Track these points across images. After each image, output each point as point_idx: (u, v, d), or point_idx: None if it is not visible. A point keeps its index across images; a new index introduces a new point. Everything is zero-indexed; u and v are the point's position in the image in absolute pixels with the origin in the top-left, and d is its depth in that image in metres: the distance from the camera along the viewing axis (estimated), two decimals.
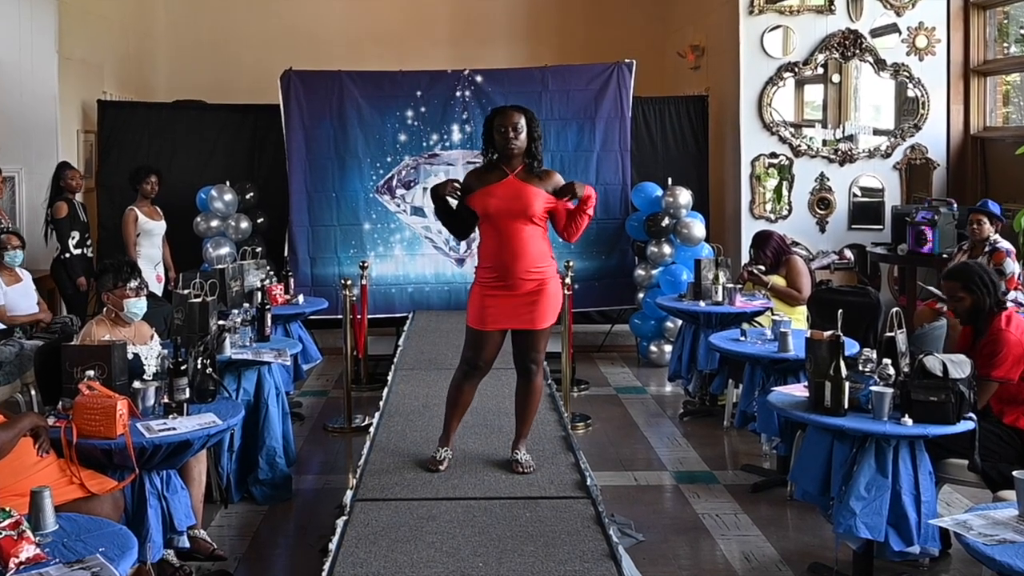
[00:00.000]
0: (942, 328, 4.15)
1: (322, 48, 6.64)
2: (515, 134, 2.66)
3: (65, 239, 4.78)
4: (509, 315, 2.69)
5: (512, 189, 2.66)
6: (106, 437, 2.27)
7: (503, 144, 2.66)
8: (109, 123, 5.59)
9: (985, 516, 1.90)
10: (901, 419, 2.40)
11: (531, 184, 2.67)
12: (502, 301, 2.68)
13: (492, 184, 2.67)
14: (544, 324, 2.72)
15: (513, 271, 2.66)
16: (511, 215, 2.64)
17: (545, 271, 2.71)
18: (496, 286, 2.69)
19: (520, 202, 2.64)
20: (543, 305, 2.70)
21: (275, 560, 2.89)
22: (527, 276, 2.67)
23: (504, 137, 2.66)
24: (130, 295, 2.85)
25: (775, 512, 3.08)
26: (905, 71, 5.50)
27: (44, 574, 1.67)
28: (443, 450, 2.80)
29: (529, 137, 2.68)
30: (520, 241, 2.65)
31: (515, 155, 2.68)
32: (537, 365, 2.75)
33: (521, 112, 2.69)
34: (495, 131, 2.68)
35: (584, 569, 2.12)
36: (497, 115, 2.71)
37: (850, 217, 5.58)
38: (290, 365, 3.74)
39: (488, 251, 2.72)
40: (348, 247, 5.46)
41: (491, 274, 2.70)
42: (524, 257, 2.65)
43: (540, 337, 2.73)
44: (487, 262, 2.72)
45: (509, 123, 2.66)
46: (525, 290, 2.67)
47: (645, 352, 5.31)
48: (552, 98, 5.42)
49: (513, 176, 2.67)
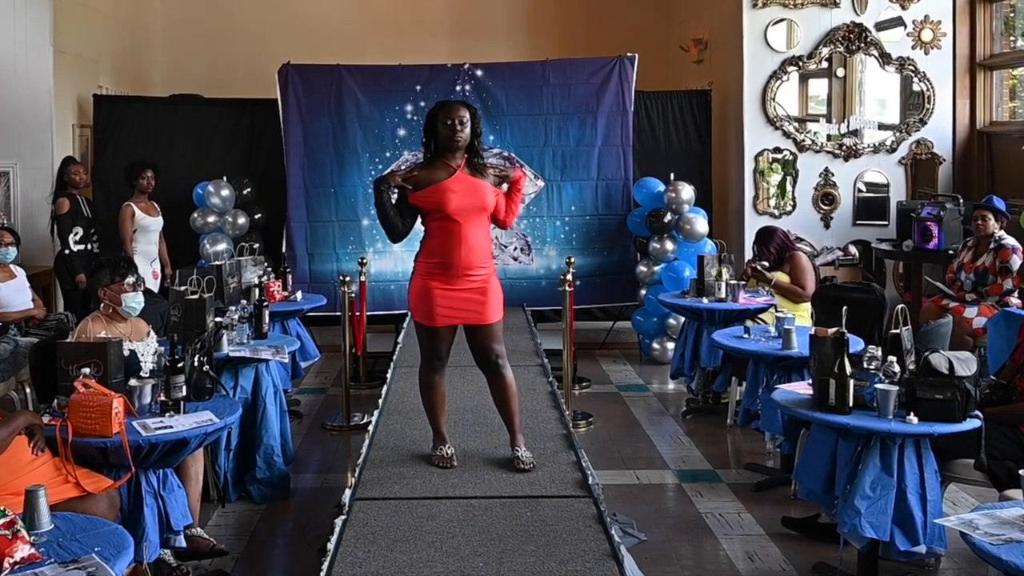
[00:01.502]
0: (948, 325, 4.10)
1: (320, 41, 6.59)
2: (460, 127, 2.64)
3: (66, 235, 4.76)
4: (459, 310, 2.69)
5: (467, 184, 2.66)
6: (102, 435, 2.25)
7: (448, 136, 2.64)
8: (105, 118, 5.56)
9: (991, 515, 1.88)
10: (906, 417, 2.38)
11: (479, 178, 2.69)
12: (450, 295, 2.67)
13: (444, 180, 2.65)
14: (496, 317, 2.72)
15: (463, 266, 2.66)
16: (469, 210, 2.64)
17: (490, 265, 2.75)
18: (443, 280, 2.67)
19: (477, 197, 2.65)
20: (491, 299, 2.71)
21: (273, 560, 2.87)
22: (475, 271, 2.68)
23: (450, 129, 2.64)
24: (127, 290, 2.84)
25: (779, 511, 3.04)
26: (910, 65, 5.48)
27: (39, 574, 1.65)
28: (444, 448, 2.79)
29: (472, 132, 2.68)
30: (474, 236, 2.66)
31: (458, 148, 2.67)
32: (502, 359, 2.75)
33: (466, 107, 2.71)
34: (440, 123, 2.66)
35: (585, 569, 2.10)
36: (442, 108, 2.70)
37: (855, 213, 5.56)
38: (288, 363, 3.72)
39: (437, 246, 2.69)
40: (347, 243, 5.44)
41: (438, 269, 2.68)
42: (475, 252, 2.66)
43: (496, 330, 2.73)
44: (435, 257, 2.69)
45: (455, 115, 2.65)
46: (473, 285, 2.68)
47: (647, 349, 5.29)
48: (553, 92, 5.40)
49: (461, 171, 2.67)
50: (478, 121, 2.71)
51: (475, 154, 2.70)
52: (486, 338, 2.71)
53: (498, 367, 2.74)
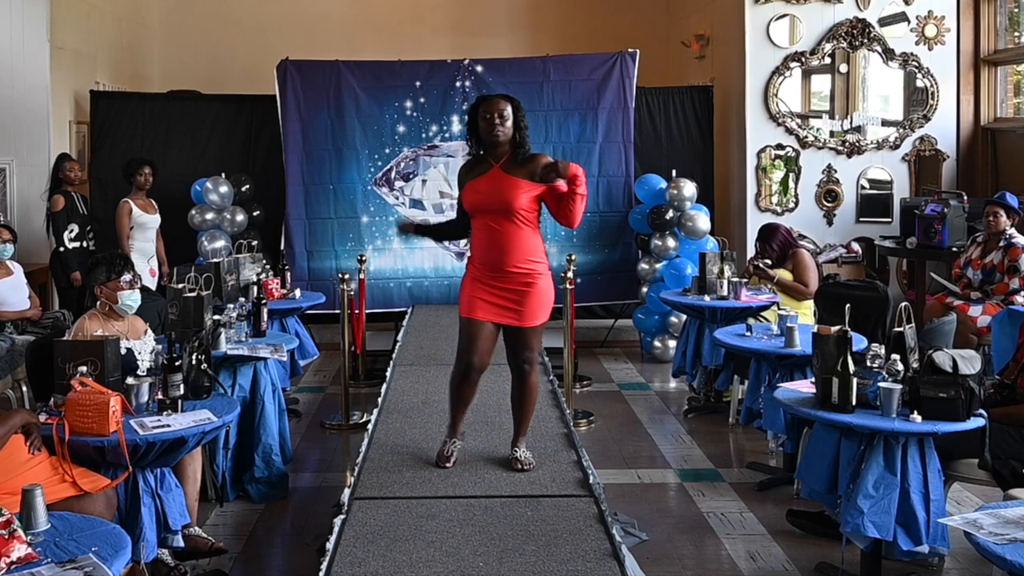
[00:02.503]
0: (952, 323, 4.08)
1: (319, 37, 6.60)
2: (500, 121, 2.59)
3: (61, 232, 4.75)
4: (497, 308, 2.64)
5: (494, 183, 2.60)
6: (99, 434, 2.24)
7: (487, 131, 2.59)
8: (102, 114, 5.54)
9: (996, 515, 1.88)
10: (910, 416, 2.37)
11: (514, 175, 2.60)
12: (490, 292, 2.64)
13: (477, 178, 2.63)
14: (534, 322, 2.65)
15: (500, 266, 2.62)
16: (493, 211, 2.59)
17: (536, 267, 2.64)
18: (485, 278, 2.66)
19: (502, 197, 2.58)
20: (533, 302, 2.64)
21: (271, 559, 2.85)
22: (515, 270, 2.62)
23: (489, 124, 2.59)
24: (124, 288, 2.81)
25: (781, 511, 3.02)
26: (914, 61, 5.46)
27: (36, 574, 1.65)
28: (451, 442, 2.76)
29: (515, 125, 2.60)
30: (505, 237, 2.59)
31: (500, 144, 2.61)
32: (531, 365, 2.71)
33: (507, 100, 2.63)
34: (479, 118, 2.62)
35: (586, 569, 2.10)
36: (482, 102, 2.64)
37: (858, 210, 5.55)
38: (287, 361, 3.72)
39: (478, 245, 2.69)
40: (346, 240, 5.42)
41: (480, 267, 2.68)
42: (510, 252, 2.60)
43: (531, 335, 2.67)
44: (477, 256, 2.70)
45: (495, 109, 2.59)
46: (513, 285, 2.63)
47: (649, 347, 5.28)
48: (554, 88, 5.39)
49: (498, 167, 2.61)
50: (522, 114, 2.63)
51: (520, 148, 2.61)
52: (520, 341, 2.68)
53: (523, 372, 2.71)
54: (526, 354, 2.69)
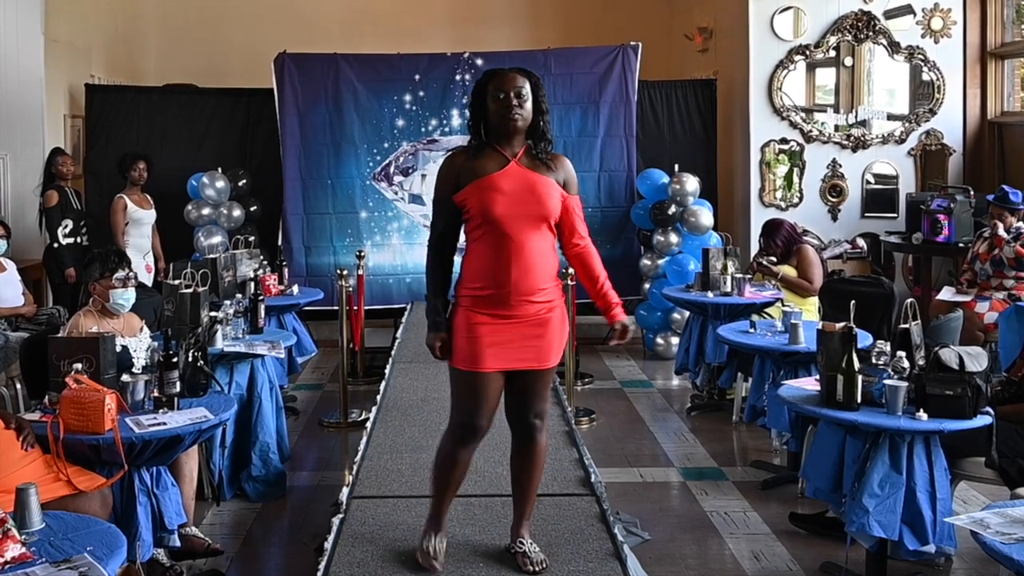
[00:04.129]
0: (958, 320, 4.04)
1: (317, 30, 6.56)
2: (519, 101, 2.00)
3: (55, 228, 4.73)
4: (513, 351, 2.03)
5: (521, 181, 2.01)
6: (94, 432, 2.22)
7: (503, 114, 2.00)
8: (97, 108, 5.50)
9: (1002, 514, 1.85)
10: (916, 414, 2.34)
11: (542, 173, 2.04)
12: (502, 331, 2.02)
13: (492, 174, 2.02)
14: (554, 360, 2.10)
15: (517, 292, 2.01)
16: (522, 217, 2.00)
17: (553, 292, 2.08)
18: (492, 312, 2.02)
19: (534, 199, 2.01)
20: (552, 335, 2.07)
21: (269, 559, 2.82)
22: (534, 298, 2.03)
23: (505, 106, 1.99)
24: (116, 286, 2.79)
25: (785, 510, 3.00)
26: (920, 54, 5.43)
27: (30, 574, 1.63)
28: (436, 538, 2.12)
29: (536, 109, 2.03)
30: (530, 252, 2.00)
31: (517, 132, 2.02)
32: (542, 420, 2.11)
33: (525, 75, 2.03)
34: (490, 98, 2.02)
35: (588, 569, 2.08)
36: (493, 78, 2.03)
37: (863, 205, 5.53)
38: (284, 358, 3.70)
39: (482, 265, 2.04)
40: (344, 236, 5.39)
41: (485, 296, 2.03)
42: (535, 274, 2.02)
43: (547, 379, 2.11)
44: (479, 280, 2.04)
45: (511, 87, 1.99)
46: (530, 318, 2.03)
47: (651, 344, 5.25)
48: (555, 82, 5.35)
49: (516, 163, 2.03)
50: (543, 94, 2.04)
51: (540, 138, 2.04)
52: (535, 388, 2.08)
53: (534, 429, 2.11)
54: (539, 406, 2.10)
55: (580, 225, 2.11)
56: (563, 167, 2.09)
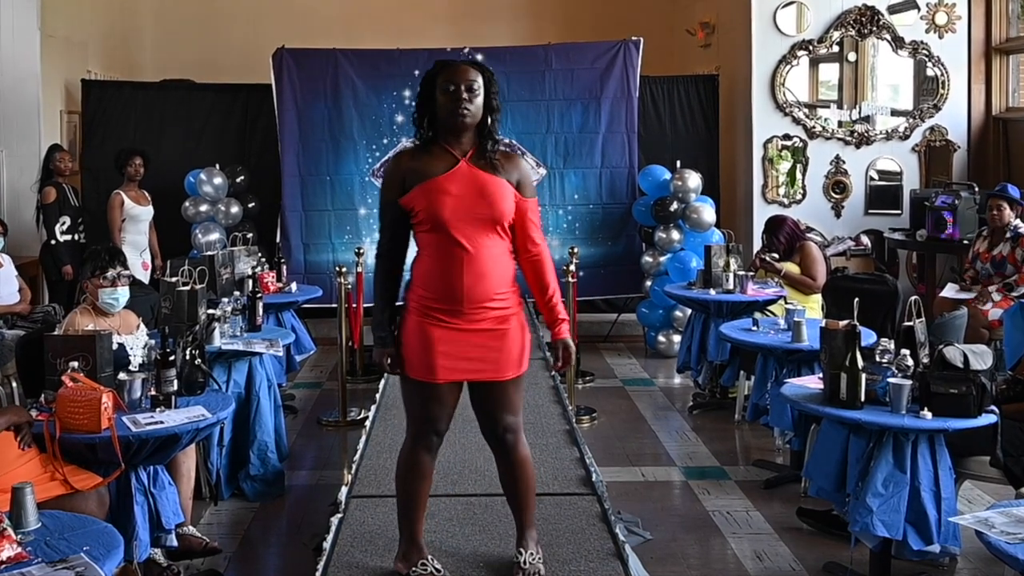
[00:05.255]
0: (963, 317, 4.03)
1: (316, 25, 6.53)
2: (470, 96, 1.89)
3: (52, 225, 4.72)
4: (468, 361, 1.93)
5: (471, 182, 1.91)
6: (90, 431, 2.21)
7: (451, 109, 1.89)
8: (94, 103, 5.49)
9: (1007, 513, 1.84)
10: (920, 412, 2.33)
11: (493, 174, 1.93)
12: (456, 340, 1.92)
13: (440, 175, 1.91)
14: (514, 372, 1.96)
15: (470, 300, 1.91)
16: (472, 221, 1.90)
17: (510, 298, 1.96)
18: (445, 321, 1.92)
19: (485, 201, 1.91)
20: (509, 345, 1.94)
21: (267, 559, 2.81)
22: (489, 305, 1.92)
23: (453, 99, 1.89)
24: (105, 285, 2.76)
25: (788, 509, 2.98)
26: (924, 49, 5.40)
27: (26, 574, 1.62)
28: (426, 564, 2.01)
29: (487, 106, 1.92)
30: (483, 257, 1.90)
31: (466, 128, 1.92)
32: (514, 433, 1.99)
33: (476, 68, 1.94)
34: (439, 90, 1.91)
35: (589, 568, 2.07)
36: (442, 70, 1.92)
37: (867, 201, 5.50)
38: (282, 356, 3.69)
39: (430, 269, 1.93)
40: (343, 233, 5.37)
41: (435, 302, 1.93)
42: (487, 280, 1.91)
43: (511, 391, 1.98)
44: (430, 288, 1.93)
45: (461, 80, 1.89)
46: (484, 325, 1.92)
47: (653, 342, 5.23)
48: (556, 77, 5.34)
49: (465, 162, 1.93)
50: (495, 90, 1.94)
51: (489, 138, 1.95)
52: (497, 400, 1.97)
53: (506, 443, 2.00)
54: (507, 420, 1.97)
55: (535, 231, 1.99)
56: (516, 167, 1.98)
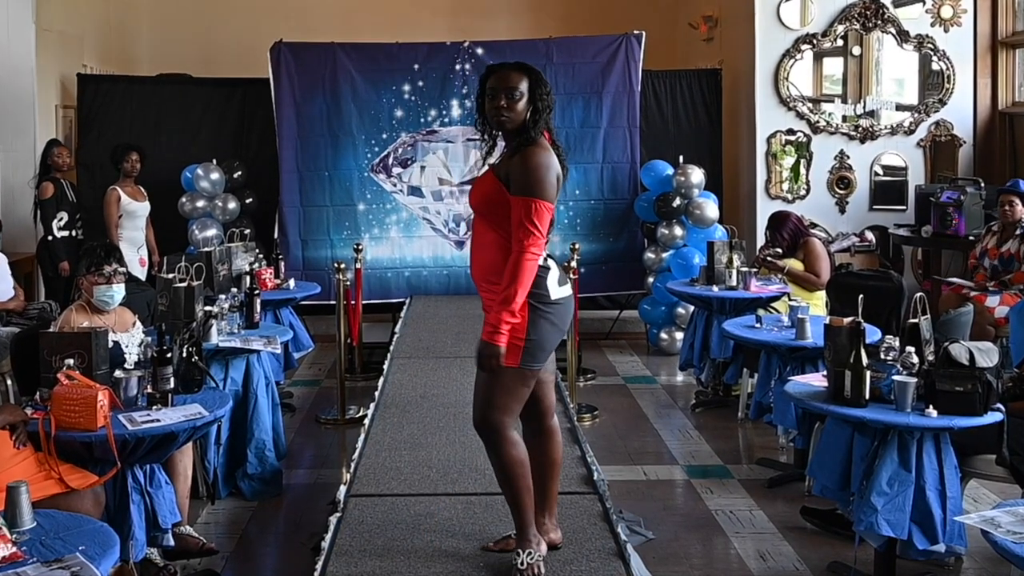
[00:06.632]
0: (968, 314, 4.00)
1: (314, 18, 6.51)
2: (508, 102, 2.01)
3: (50, 221, 4.71)
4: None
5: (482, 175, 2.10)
6: (86, 429, 2.20)
7: (492, 113, 2.03)
8: (89, 98, 5.45)
9: (1014, 512, 1.83)
10: (925, 410, 2.31)
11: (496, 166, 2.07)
12: None
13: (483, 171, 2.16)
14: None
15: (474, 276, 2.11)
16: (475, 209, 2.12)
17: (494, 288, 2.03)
18: None
19: (474, 193, 2.11)
20: None
21: (265, 559, 2.81)
22: (481, 289, 2.06)
23: (494, 105, 2.02)
24: (101, 282, 2.73)
25: (792, 508, 2.96)
26: (929, 43, 5.36)
27: (21, 573, 1.62)
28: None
29: (532, 108, 2.02)
30: (476, 242, 2.08)
31: (507, 131, 2.06)
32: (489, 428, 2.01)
33: (524, 72, 2.03)
34: (486, 95, 2.06)
35: (591, 568, 2.07)
36: (490, 75, 2.05)
37: (871, 197, 5.47)
38: (280, 353, 3.65)
39: None
40: (341, 229, 5.33)
41: None
42: (475, 262, 2.09)
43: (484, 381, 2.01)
44: None
45: (503, 85, 2.01)
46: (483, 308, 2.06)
47: (655, 339, 5.21)
48: (557, 71, 5.29)
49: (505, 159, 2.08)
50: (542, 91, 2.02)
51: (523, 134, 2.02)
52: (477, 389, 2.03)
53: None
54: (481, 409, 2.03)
55: (517, 229, 1.97)
56: (516, 163, 2.01)
